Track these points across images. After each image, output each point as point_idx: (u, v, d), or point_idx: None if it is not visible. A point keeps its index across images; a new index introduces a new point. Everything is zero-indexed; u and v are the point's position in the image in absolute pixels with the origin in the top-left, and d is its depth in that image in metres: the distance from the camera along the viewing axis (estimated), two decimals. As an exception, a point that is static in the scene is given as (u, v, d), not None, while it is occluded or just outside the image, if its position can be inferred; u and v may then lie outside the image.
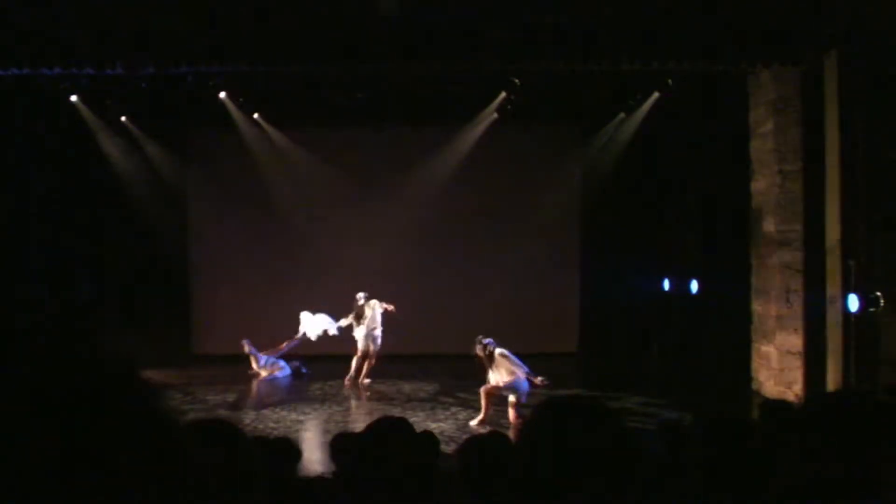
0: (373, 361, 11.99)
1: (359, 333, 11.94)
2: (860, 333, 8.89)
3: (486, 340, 9.64)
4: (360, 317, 11.94)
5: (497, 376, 9.49)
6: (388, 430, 2.95)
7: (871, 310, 8.48)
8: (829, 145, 9.52)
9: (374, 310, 11.97)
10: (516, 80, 12.01)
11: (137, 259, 14.19)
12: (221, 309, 14.41)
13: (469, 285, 14.39)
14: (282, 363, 12.94)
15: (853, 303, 8.61)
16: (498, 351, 9.59)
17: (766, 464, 2.31)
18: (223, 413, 10.22)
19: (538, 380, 9.23)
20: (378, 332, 11.96)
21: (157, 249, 14.29)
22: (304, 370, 13.00)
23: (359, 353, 11.96)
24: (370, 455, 2.83)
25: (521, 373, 9.42)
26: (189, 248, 14.93)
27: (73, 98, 12.54)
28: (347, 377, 11.95)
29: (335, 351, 13.27)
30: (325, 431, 9.04)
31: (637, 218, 14.07)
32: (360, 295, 12.06)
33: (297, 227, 14.57)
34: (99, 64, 9.71)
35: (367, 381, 11.99)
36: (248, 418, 9.89)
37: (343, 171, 14.32)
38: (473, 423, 9.61)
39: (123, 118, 13.80)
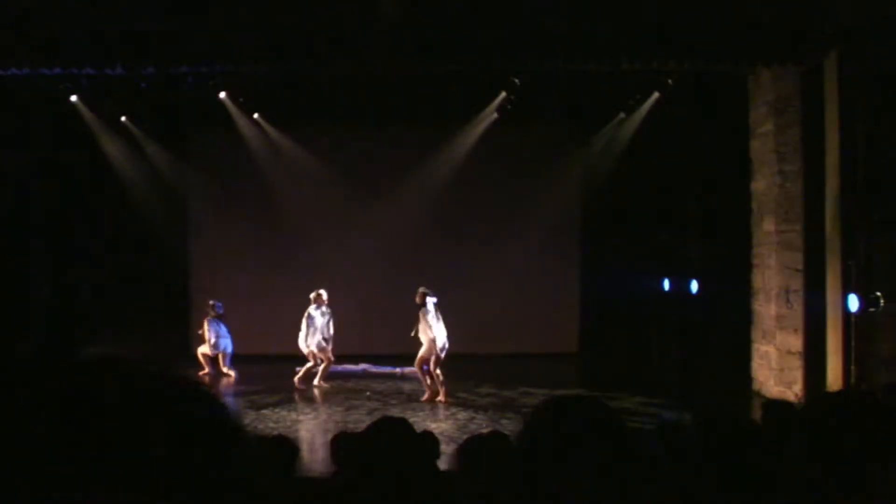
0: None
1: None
2: (860, 333, 8.89)
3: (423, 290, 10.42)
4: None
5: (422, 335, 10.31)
6: (388, 430, 2.95)
7: (871, 310, 8.48)
8: (829, 145, 9.52)
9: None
10: (516, 80, 12.01)
11: (137, 259, 14.19)
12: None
13: (469, 285, 14.38)
14: (223, 344, 12.93)
15: (853, 303, 8.60)
16: (426, 307, 10.29)
17: (766, 464, 2.31)
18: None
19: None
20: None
21: (156, 249, 14.28)
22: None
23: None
24: (370, 455, 2.83)
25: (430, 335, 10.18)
26: (189, 247, 14.92)
27: (73, 98, 12.54)
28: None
29: (339, 351, 13.24)
30: (325, 431, 9.04)
31: (637, 218, 14.06)
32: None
33: (296, 227, 14.56)
34: (99, 64, 9.71)
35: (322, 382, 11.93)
36: (248, 418, 9.88)
37: (343, 171, 14.31)
38: (424, 398, 10.37)
39: (123, 118, 13.80)
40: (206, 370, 12.93)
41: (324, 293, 11.87)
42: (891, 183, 8.68)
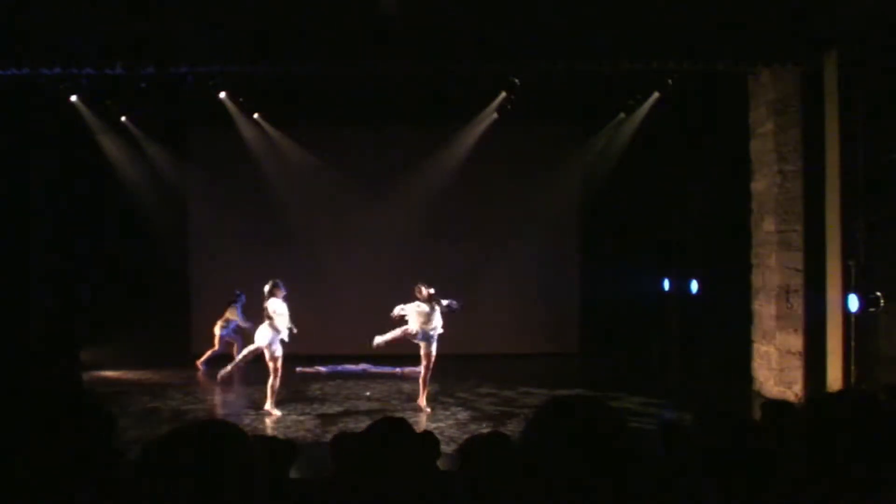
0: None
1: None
2: (860, 333, 8.89)
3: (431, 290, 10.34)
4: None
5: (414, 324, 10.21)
6: (388, 430, 2.95)
7: (871, 310, 8.48)
8: (829, 145, 9.52)
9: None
10: (516, 80, 12.01)
11: (137, 259, 14.19)
12: (221, 309, 14.39)
13: (469, 285, 14.39)
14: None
15: (853, 303, 8.60)
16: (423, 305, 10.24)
17: (766, 463, 2.31)
18: (224, 413, 10.24)
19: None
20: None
21: (156, 249, 14.29)
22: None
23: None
24: (370, 455, 2.83)
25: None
26: (189, 247, 14.93)
27: (73, 98, 12.53)
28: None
29: (339, 351, 13.25)
30: (325, 431, 9.04)
31: (637, 218, 14.07)
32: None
33: (296, 227, 14.57)
34: (99, 64, 9.71)
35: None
36: (248, 418, 9.89)
37: (343, 171, 14.32)
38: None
39: (123, 118, 13.80)
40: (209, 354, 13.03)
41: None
42: (891, 183, 8.68)
